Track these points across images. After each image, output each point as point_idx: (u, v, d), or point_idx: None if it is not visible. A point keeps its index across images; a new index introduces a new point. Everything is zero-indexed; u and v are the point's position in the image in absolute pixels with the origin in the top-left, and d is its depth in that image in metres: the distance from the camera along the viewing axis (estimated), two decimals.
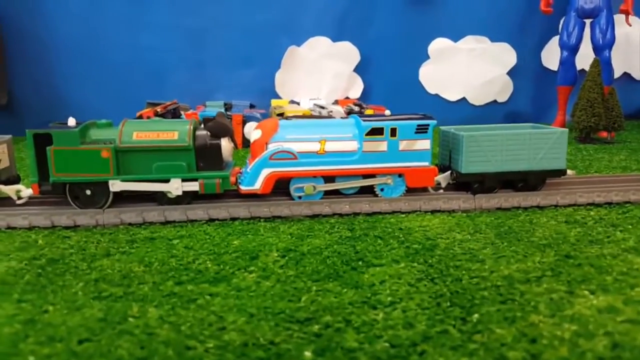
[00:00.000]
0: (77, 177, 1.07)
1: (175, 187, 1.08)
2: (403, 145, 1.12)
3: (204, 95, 2.46)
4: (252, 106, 2.42)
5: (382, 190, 1.14)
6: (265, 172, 1.11)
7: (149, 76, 2.47)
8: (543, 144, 1.15)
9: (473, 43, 2.52)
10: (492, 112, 2.58)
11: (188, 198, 1.11)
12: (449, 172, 1.19)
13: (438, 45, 2.53)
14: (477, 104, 2.59)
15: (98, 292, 0.76)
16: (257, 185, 1.11)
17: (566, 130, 1.17)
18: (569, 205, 1.13)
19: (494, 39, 2.52)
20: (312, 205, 1.10)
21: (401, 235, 0.95)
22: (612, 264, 0.81)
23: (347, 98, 2.57)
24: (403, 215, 1.08)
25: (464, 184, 1.17)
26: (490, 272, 0.79)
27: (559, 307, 0.68)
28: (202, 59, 2.50)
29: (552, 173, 1.18)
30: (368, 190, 1.16)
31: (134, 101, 2.34)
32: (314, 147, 1.12)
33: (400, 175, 1.14)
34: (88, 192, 1.09)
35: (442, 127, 1.24)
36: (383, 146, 1.12)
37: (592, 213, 1.08)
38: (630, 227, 0.99)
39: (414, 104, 2.55)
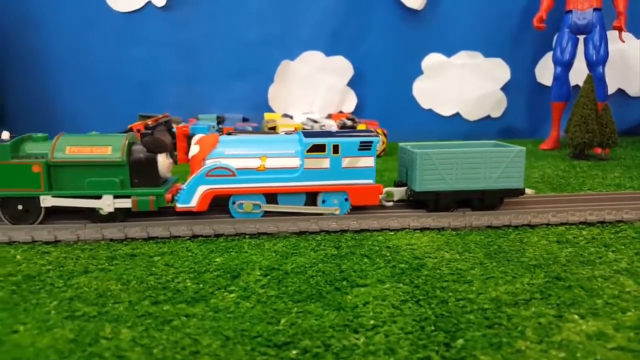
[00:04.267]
0: (8, 192, 1.04)
1: (107, 203, 1.05)
2: (346, 162, 1.10)
3: (197, 109, 2.45)
4: (245, 119, 2.41)
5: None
6: (201, 189, 1.07)
7: (141, 89, 2.46)
8: (500, 163, 1.13)
9: (466, 58, 2.52)
10: (486, 128, 2.57)
11: (121, 215, 1.08)
12: (405, 187, 1.17)
13: (432, 60, 2.53)
14: (470, 119, 2.58)
15: (72, 311, 0.73)
16: (193, 203, 1.07)
17: (523, 149, 1.14)
18: (561, 224, 1.11)
19: (487, 54, 2.52)
20: (298, 222, 1.08)
21: (388, 254, 0.93)
22: (603, 287, 0.79)
23: (341, 112, 2.56)
24: (392, 233, 1.06)
25: (420, 201, 1.15)
26: (477, 294, 0.76)
27: (547, 332, 0.66)
28: (194, 72, 2.49)
29: (509, 192, 1.15)
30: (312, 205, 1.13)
31: (125, 113, 2.33)
32: (254, 163, 1.09)
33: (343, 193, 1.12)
34: (20, 207, 1.06)
35: (400, 144, 1.23)
36: (325, 163, 1.10)
37: (584, 232, 1.06)
38: (622, 247, 0.97)
39: (407, 118, 2.55)
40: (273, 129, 2.13)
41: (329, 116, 2.51)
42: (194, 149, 1.11)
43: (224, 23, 2.44)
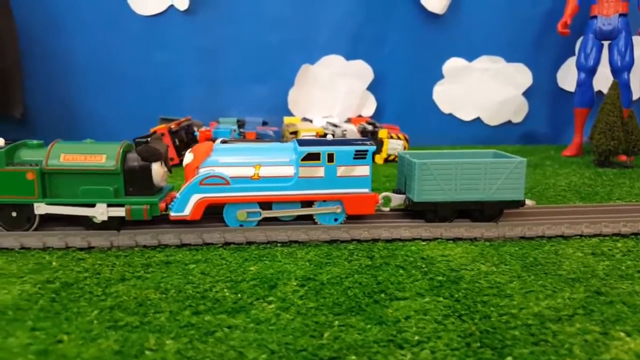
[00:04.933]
0: (2, 199, 1.05)
1: (100, 212, 1.05)
2: (341, 171, 1.09)
3: (217, 112, 2.46)
4: (264, 123, 2.41)
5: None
6: (195, 197, 1.07)
7: (162, 92, 2.47)
8: (500, 174, 1.10)
9: (488, 63, 2.50)
10: (506, 133, 2.56)
11: (115, 223, 1.07)
12: (403, 195, 1.16)
13: (452, 64, 2.52)
14: (491, 124, 2.56)
15: (114, 321, 0.73)
16: (187, 212, 1.07)
17: (524, 160, 1.12)
18: (595, 235, 1.10)
19: (509, 59, 2.50)
20: (330, 230, 1.08)
21: (424, 265, 0.92)
22: None
23: (360, 116, 2.56)
24: (424, 243, 1.05)
25: (418, 211, 1.14)
26: (519, 309, 0.76)
27: (594, 350, 0.65)
28: (215, 76, 2.50)
29: (509, 204, 1.13)
30: (307, 217, 1.13)
31: (147, 116, 2.34)
32: (248, 172, 1.08)
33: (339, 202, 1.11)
34: (14, 214, 1.07)
35: (400, 152, 1.22)
36: (320, 172, 1.09)
37: (619, 244, 1.05)
38: None
39: (427, 123, 2.54)
40: (294, 134, 2.13)
41: (349, 120, 2.50)
42: (188, 157, 1.11)
43: (246, 27, 2.45)
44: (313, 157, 1.08)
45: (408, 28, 2.49)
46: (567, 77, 2.51)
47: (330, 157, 1.08)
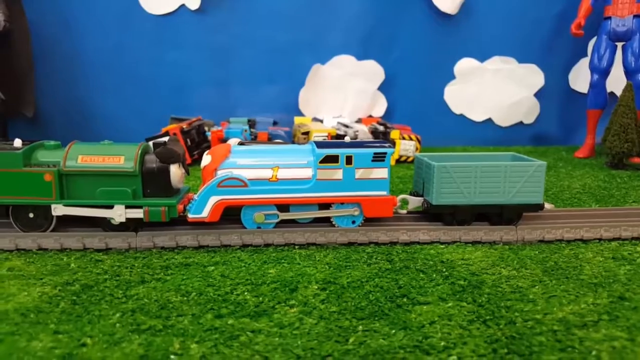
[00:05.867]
0: (20, 200, 1.05)
1: (118, 213, 1.05)
2: (359, 173, 1.08)
3: (227, 111, 2.46)
4: (274, 123, 2.41)
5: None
6: (213, 199, 1.06)
7: (172, 91, 2.48)
8: (519, 177, 1.09)
9: (500, 64, 2.49)
10: (518, 134, 2.54)
11: (134, 225, 1.07)
12: (421, 197, 1.16)
13: (464, 65, 2.51)
14: (503, 125, 2.55)
15: (136, 324, 0.73)
16: (205, 213, 1.06)
17: (544, 163, 1.11)
18: (614, 239, 1.09)
19: (521, 60, 2.49)
20: (347, 233, 1.08)
21: (444, 269, 0.92)
22: None
23: (370, 116, 2.55)
24: (442, 246, 1.05)
25: (436, 214, 1.14)
26: (543, 314, 0.75)
27: (622, 357, 0.65)
28: (225, 76, 2.50)
29: (528, 207, 1.12)
30: (324, 219, 1.12)
31: (157, 116, 2.35)
32: (266, 174, 1.08)
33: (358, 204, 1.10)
34: (31, 215, 1.07)
35: (417, 154, 1.21)
36: (338, 174, 1.08)
37: (639, 249, 1.04)
38: None
39: (438, 123, 2.53)
40: (306, 134, 2.12)
41: (359, 120, 2.50)
42: (206, 159, 1.11)
43: (256, 27, 2.44)
44: (331, 159, 1.08)
45: (420, 28, 2.48)
46: (579, 78, 2.49)
47: (349, 160, 1.08)
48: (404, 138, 2.08)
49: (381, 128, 2.19)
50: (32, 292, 0.84)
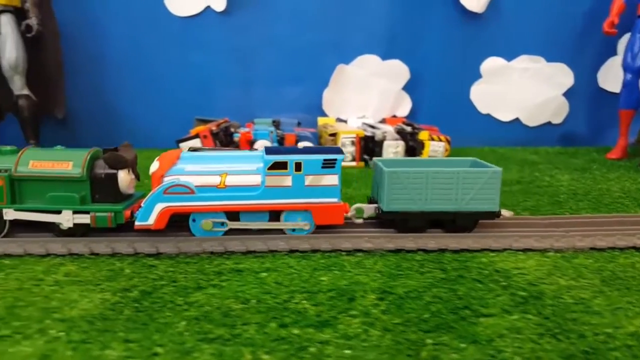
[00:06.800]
0: None
1: (66, 219, 1.06)
2: (309, 180, 1.07)
3: (251, 113, 2.46)
4: (299, 124, 2.40)
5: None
6: (159, 206, 1.05)
7: (197, 93, 2.48)
8: (473, 184, 1.07)
9: (528, 62, 2.47)
10: (546, 134, 2.52)
11: (82, 230, 1.08)
12: (375, 205, 1.15)
13: (491, 64, 2.49)
14: (530, 125, 2.53)
15: (204, 332, 0.73)
16: (151, 221, 1.05)
17: (499, 169, 1.08)
18: None
19: (549, 58, 2.46)
20: (394, 239, 1.07)
21: (501, 279, 0.91)
22: None
23: (394, 116, 2.54)
24: (493, 254, 1.04)
25: (389, 221, 1.12)
26: (613, 327, 0.74)
27: None
28: (250, 77, 2.50)
29: (483, 215, 1.10)
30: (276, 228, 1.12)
31: (182, 118, 2.36)
32: (214, 180, 1.07)
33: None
34: None
35: (374, 158, 1.19)
36: (287, 181, 1.07)
37: None
38: None
39: (464, 123, 2.52)
40: (333, 136, 2.11)
41: (383, 121, 2.49)
42: (154, 165, 1.10)
43: (281, 28, 2.44)
44: (280, 165, 1.07)
45: (445, 27, 2.46)
46: (608, 77, 2.46)
47: (298, 166, 1.07)
48: (433, 139, 2.07)
49: (408, 129, 2.17)
50: (94, 298, 0.84)
